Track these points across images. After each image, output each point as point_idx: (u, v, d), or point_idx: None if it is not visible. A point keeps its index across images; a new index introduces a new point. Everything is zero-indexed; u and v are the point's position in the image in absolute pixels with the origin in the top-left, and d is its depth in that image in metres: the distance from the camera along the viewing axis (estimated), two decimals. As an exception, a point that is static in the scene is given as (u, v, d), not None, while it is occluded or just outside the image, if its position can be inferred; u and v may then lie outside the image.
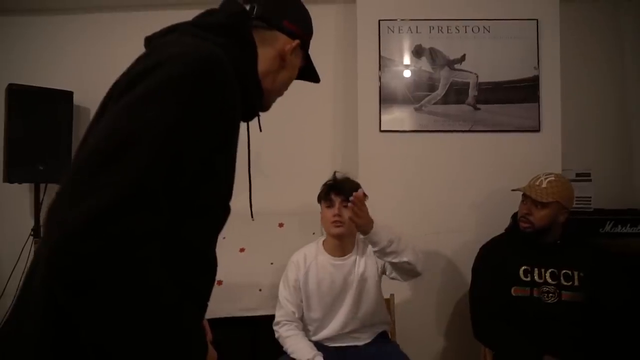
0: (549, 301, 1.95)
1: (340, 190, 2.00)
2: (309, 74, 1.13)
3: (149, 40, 0.91)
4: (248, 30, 0.92)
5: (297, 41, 0.99)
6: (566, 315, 1.92)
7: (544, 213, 2.00)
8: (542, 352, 1.86)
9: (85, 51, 3.13)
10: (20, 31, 3.18)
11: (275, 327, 2.07)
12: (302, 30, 1.03)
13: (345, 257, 2.07)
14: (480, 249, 2.21)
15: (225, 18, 0.90)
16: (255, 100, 0.96)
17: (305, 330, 2.09)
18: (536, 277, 1.99)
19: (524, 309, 1.97)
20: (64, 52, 3.14)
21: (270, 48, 0.96)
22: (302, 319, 2.08)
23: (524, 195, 2.09)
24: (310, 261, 2.09)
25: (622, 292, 1.98)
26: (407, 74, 2.69)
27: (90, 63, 3.10)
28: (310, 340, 2.04)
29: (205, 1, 1.02)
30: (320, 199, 2.08)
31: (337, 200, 2.00)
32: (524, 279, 2.00)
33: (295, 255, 2.14)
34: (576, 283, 1.96)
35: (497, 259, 2.09)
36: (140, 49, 0.88)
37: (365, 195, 1.93)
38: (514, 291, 2.00)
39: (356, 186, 2.00)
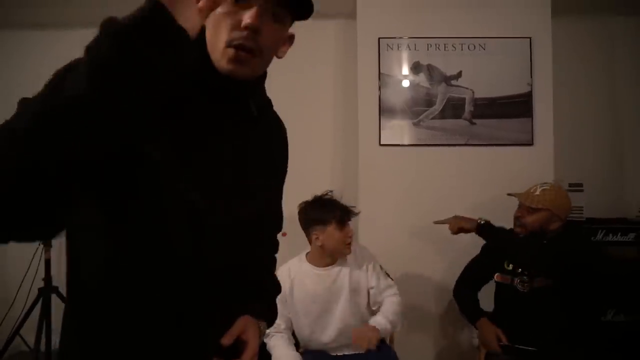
0: (523, 290, 2.15)
1: (350, 213, 2.11)
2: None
3: None
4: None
5: None
6: (537, 302, 2.11)
7: (534, 218, 2.15)
8: (482, 315, 2.24)
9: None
10: (31, 45, 3.28)
11: (265, 339, 2.14)
12: None
13: (329, 267, 2.16)
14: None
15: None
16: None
17: (299, 340, 2.17)
18: (517, 268, 2.19)
19: (502, 294, 2.25)
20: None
21: None
22: (291, 329, 2.15)
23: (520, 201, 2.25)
24: (295, 274, 2.17)
25: (591, 280, 2.15)
26: (405, 89, 2.80)
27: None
28: (309, 349, 2.14)
29: None
30: (327, 220, 2.10)
31: (349, 221, 2.10)
32: (507, 267, 2.22)
33: (281, 269, 2.18)
34: (547, 268, 2.14)
35: (497, 245, 2.31)
36: None
37: None
38: (496, 277, 2.26)
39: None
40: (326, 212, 2.10)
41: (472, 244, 2.46)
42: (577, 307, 2.14)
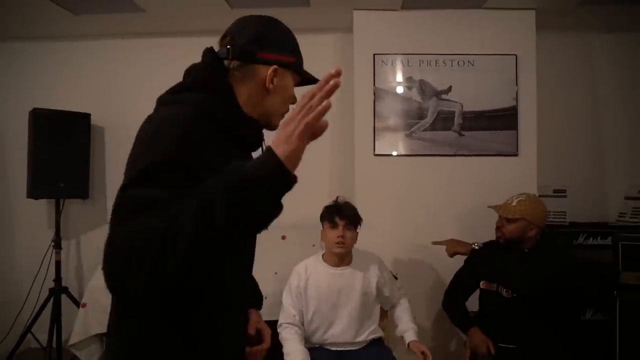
0: (507, 296, 2.29)
1: (343, 215, 2.24)
2: (309, 81, 1.19)
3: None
4: (220, 79, 1.05)
5: (273, 67, 1.06)
6: (521, 308, 2.26)
7: (512, 227, 2.32)
8: (472, 324, 2.34)
9: (101, 75, 3.37)
10: (42, 57, 3.41)
11: (278, 329, 2.31)
12: (281, 54, 1.09)
13: (343, 267, 2.31)
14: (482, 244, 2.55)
15: (200, 76, 1.05)
16: (249, 129, 1.09)
17: (308, 334, 2.34)
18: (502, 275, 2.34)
19: (487, 300, 2.38)
20: (81, 76, 3.38)
21: (251, 81, 1.07)
22: (303, 323, 2.32)
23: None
24: (311, 271, 2.33)
25: (571, 288, 2.32)
26: (399, 103, 2.97)
27: (105, 86, 3.34)
28: (311, 345, 2.29)
29: (215, 29, 1.12)
30: (323, 219, 2.31)
31: (341, 223, 2.24)
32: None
33: (298, 266, 2.38)
34: (532, 278, 2.28)
35: (482, 255, 2.46)
36: (150, 73, 1.09)
37: (361, 220, 2.22)
38: (482, 284, 2.38)
39: (355, 211, 2.27)
40: (324, 213, 2.29)
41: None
42: (558, 310, 2.30)
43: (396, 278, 2.50)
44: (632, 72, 3.26)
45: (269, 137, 1.14)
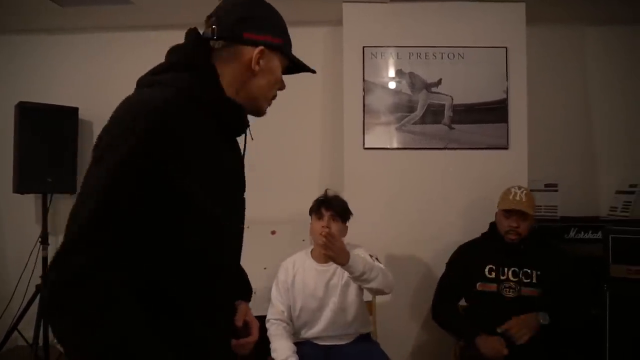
0: (509, 295, 2.25)
1: (329, 206, 2.23)
2: (300, 67, 1.15)
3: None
4: (203, 60, 1.01)
5: (259, 48, 1.03)
6: (523, 308, 2.21)
7: (528, 223, 2.28)
8: (478, 332, 2.18)
9: (89, 69, 3.34)
10: (28, 50, 3.37)
11: (266, 325, 2.30)
12: (267, 35, 1.04)
13: (329, 264, 2.28)
14: (458, 247, 2.51)
15: (183, 56, 1.01)
16: (233, 115, 1.05)
17: (295, 329, 2.31)
18: (500, 275, 2.29)
19: (486, 302, 2.28)
20: (69, 70, 3.35)
21: (236, 62, 1.03)
22: (291, 319, 2.30)
23: (508, 211, 2.29)
24: (298, 266, 2.32)
25: (574, 287, 2.29)
26: (388, 96, 2.94)
27: (93, 80, 3.31)
28: (298, 340, 2.27)
29: (203, 23, 1.11)
30: (311, 211, 2.30)
31: (326, 214, 2.23)
32: (489, 276, 2.30)
33: (286, 261, 2.37)
34: (534, 280, 2.27)
35: (468, 257, 2.41)
36: (139, 67, 1.06)
37: (350, 213, 2.19)
38: (479, 286, 2.31)
39: (344, 204, 2.25)
40: (312, 206, 2.29)
41: (454, 242, 2.59)
42: (564, 309, 2.24)
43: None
44: (623, 64, 3.24)
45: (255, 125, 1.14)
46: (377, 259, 2.39)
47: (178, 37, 1.08)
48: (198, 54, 1.01)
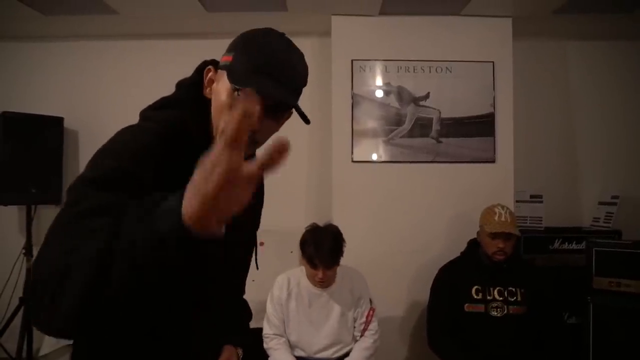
0: (497, 315, 2.28)
1: (322, 260, 2.15)
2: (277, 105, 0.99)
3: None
4: (197, 95, 0.99)
5: (207, 67, 0.97)
6: (511, 327, 2.26)
7: (513, 242, 2.31)
8: None
9: (74, 78, 3.28)
10: (11, 58, 3.31)
11: (265, 339, 2.30)
12: (226, 55, 0.95)
13: (325, 289, 2.30)
14: (439, 270, 2.51)
15: (184, 92, 1.00)
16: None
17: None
18: (487, 295, 2.31)
19: (475, 323, 2.31)
20: (53, 79, 3.28)
21: None
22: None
23: (495, 233, 2.27)
24: (293, 285, 2.32)
25: (552, 303, 2.36)
26: (376, 109, 2.96)
27: (78, 89, 3.25)
28: (295, 355, 2.29)
29: (190, 32, 1.04)
30: (302, 252, 2.23)
31: (320, 265, 2.17)
32: (476, 297, 2.32)
33: (281, 277, 2.36)
34: (519, 298, 2.30)
35: (452, 280, 2.41)
36: (124, 76, 1.03)
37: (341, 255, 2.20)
38: (466, 307, 2.33)
39: (336, 249, 2.18)
40: (305, 246, 2.20)
41: (441, 255, 2.63)
42: (544, 321, 2.30)
43: (373, 309, 2.39)
44: (606, 78, 3.30)
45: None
46: (372, 306, 2.37)
47: (164, 47, 1.08)
48: (194, 91, 1.00)
